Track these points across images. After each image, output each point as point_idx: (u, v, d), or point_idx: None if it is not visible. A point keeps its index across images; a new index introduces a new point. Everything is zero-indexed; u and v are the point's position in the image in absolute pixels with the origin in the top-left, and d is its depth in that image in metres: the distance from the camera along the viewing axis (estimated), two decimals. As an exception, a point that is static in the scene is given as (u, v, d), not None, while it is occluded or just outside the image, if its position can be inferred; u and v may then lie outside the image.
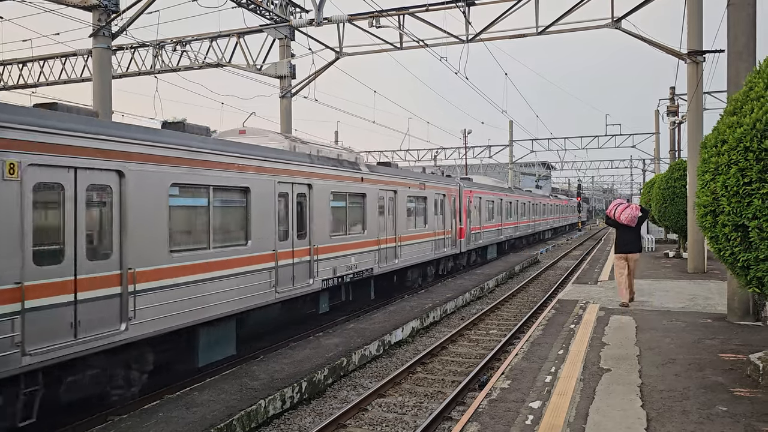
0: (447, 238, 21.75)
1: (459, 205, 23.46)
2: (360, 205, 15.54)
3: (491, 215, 29.31)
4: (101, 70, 16.71)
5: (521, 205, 37.65)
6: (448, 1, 18.80)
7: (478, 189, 26.87)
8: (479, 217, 26.55)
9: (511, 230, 34.10)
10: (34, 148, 6.95)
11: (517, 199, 36.26)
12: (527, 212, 40.03)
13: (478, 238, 26.29)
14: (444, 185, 21.95)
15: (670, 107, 29.76)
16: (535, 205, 43.84)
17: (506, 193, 33.23)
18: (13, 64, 24.65)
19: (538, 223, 45.36)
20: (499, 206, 30.82)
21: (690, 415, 6.05)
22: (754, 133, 6.25)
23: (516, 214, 35.69)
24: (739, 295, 10.48)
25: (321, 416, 8.77)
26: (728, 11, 10.34)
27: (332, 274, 13.74)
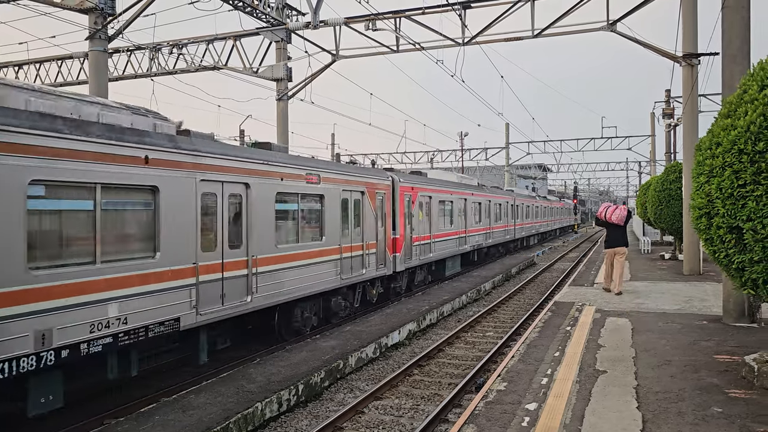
0: (369, 254, 15.50)
1: (394, 208, 17.55)
2: (142, 208, 8.73)
3: (450, 220, 23.19)
4: (97, 73, 16.71)
5: (496, 207, 31.34)
6: (444, 4, 18.85)
7: (427, 186, 20.62)
8: (429, 222, 20.52)
9: (480, 237, 27.62)
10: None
11: (490, 199, 29.96)
12: (505, 215, 33.56)
13: (426, 250, 20.15)
14: (362, 179, 15.41)
15: (666, 110, 29.87)
16: (517, 206, 37.38)
17: (473, 191, 26.92)
18: (9, 67, 24.63)
19: (522, 228, 38.93)
20: (461, 208, 24.71)
21: (685, 416, 6.08)
22: (748, 135, 6.29)
23: (488, 217, 29.46)
24: (735, 297, 10.52)
25: (318, 419, 8.77)
26: (723, 14, 10.40)
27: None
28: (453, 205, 23.58)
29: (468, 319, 16.01)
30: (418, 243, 19.40)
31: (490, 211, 29.90)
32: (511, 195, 36.34)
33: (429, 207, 20.66)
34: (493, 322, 15.98)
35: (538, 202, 46.73)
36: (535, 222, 44.58)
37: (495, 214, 30.99)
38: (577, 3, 18.12)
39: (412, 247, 18.72)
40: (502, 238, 32.72)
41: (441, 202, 22.03)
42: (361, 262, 15.10)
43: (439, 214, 21.68)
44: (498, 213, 31.82)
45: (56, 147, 7.25)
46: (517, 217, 37.41)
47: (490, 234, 29.88)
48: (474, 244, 26.50)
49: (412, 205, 18.95)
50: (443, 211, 22.42)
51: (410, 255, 18.60)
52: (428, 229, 20.43)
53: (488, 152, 54.44)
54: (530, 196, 44.90)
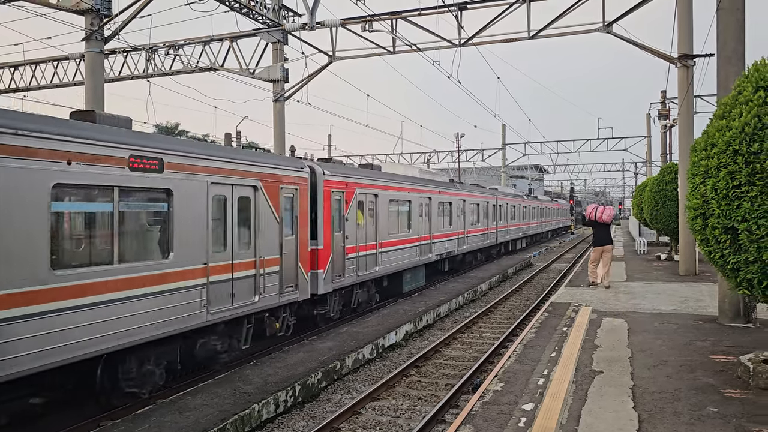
0: (267, 274, 11.19)
1: (315, 209, 13.35)
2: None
3: (408, 224, 18.98)
4: (94, 74, 16.69)
5: (473, 207, 26.97)
6: (441, 5, 18.89)
7: (370, 181, 16.18)
8: (376, 227, 16.32)
9: (451, 244, 23.31)
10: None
11: (464, 198, 25.48)
12: (485, 217, 29.22)
13: (370, 263, 15.95)
14: (254, 168, 11.03)
15: (662, 111, 29.97)
16: (500, 206, 32.83)
17: (440, 189, 22.45)
18: (5, 68, 24.57)
19: (506, 231, 34.57)
20: (424, 209, 20.33)
21: (681, 416, 6.10)
22: (743, 136, 6.32)
23: (462, 219, 25.07)
24: (730, 297, 10.56)
25: (315, 420, 8.77)
26: (718, 16, 10.44)
27: None
28: (411, 206, 19.09)
29: (465, 319, 16.02)
30: (357, 255, 15.05)
31: (465, 212, 25.45)
32: (493, 194, 31.98)
33: (375, 208, 16.28)
34: (490, 323, 16.00)
35: (526, 202, 42.25)
36: (522, 224, 40.07)
37: (472, 216, 26.61)
38: (573, 4, 18.17)
39: (345, 261, 14.38)
40: (480, 243, 28.17)
41: (393, 202, 17.74)
42: (251, 286, 10.67)
43: (390, 217, 17.40)
44: (476, 214, 27.53)
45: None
46: (500, 219, 32.80)
47: (465, 239, 25.35)
48: (442, 251, 22.03)
49: (346, 205, 14.48)
50: (397, 213, 18.13)
51: (342, 271, 14.22)
52: (373, 235, 16.11)
53: (485, 153, 54.53)
54: (516, 195, 40.44)
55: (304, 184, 12.77)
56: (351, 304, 15.36)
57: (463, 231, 25.11)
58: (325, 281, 13.39)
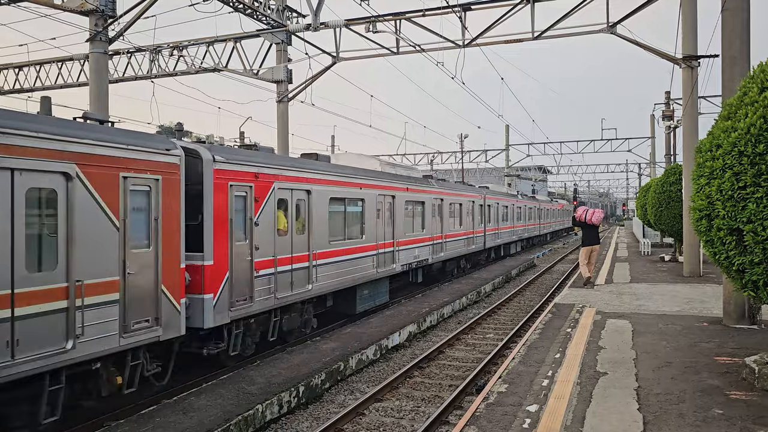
0: (94, 306, 7.62)
1: (201, 209, 9.94)
2: None
3: (360, 228, 15.38)
4: (98, 75, 16.72)
5: (454, 208, 23.37)
6: (445, 6, 18.88)
7: (299, 173, 12.66)
8: (309, 233, 12.87)
9: (424, 251, 19.67)
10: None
11: (442, 197, 21.72)
12: (470, 218, 25.58)
13: (301, 281, 12.46)
14: (74, 146, 7.51)
15: (666, 112, 29.91)
16: (489, 207, 29.16)
17: (407, 185, 18.48)
18: (9, 69, 24.64)
19: (495, 234, 30.46)
20: (383, 209, 16.67)
21: (686, 418, 6.08)
22: (749, 137, 6.30)
23: (440, 222, 21.42)
24: (735, 299, 10.52)
25: (318, 421, 8.77)
26: (723, 16, 10.42)
27: None
28: (365, 205, 15.48)
29: (468, 321, 16.01)
30: (275, 271, 11.41)
31: (443, 213, 21.83)
32: (480, 192, 28.08)
33: (307, 208, 12.82)
34: (494, 324, 15.98)
35: (521, 202, 38.43)
36: (516, 226, 36.48)
37: (452, 218, 23.09)
38: (577, 5, 18.14)
39: (254, 280, 10.77)
40: (463, 249, 24.55)
41: (337, 201, 14.13)
42: (56, 327, 7.10)
43: (333, 220, 13.90)
44: (457, 216, 23.92)
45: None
46: (489, 221, 29.16)
47: (443, 245, 21.63)
48: (410, 261, 18.42)
49: (257, 204, 10.97)
50: (344, 214, 14.57)
51: (249, 293, 10.66)
52: (305, 244, 12.65)
53: (488, 154, 54.49)
54: (510, 195, 36.55)
55: (173, 174, 9.02)
56: (270, 336, 11.60)
57: (440, 235, 21.42)
58: (216, 309, 9.77)
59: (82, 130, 7.73)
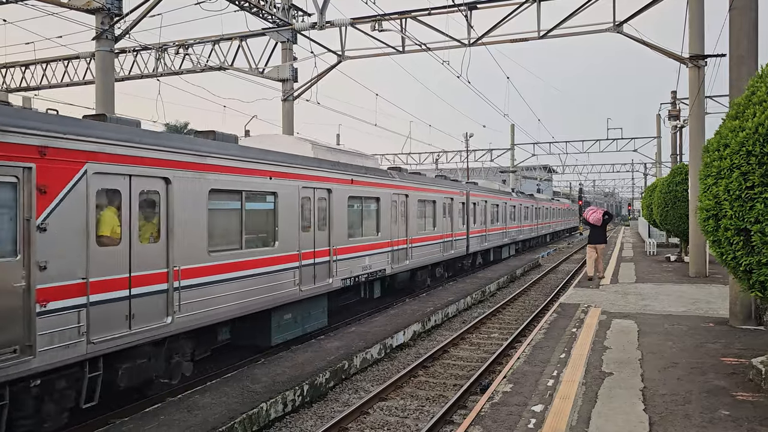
0: None
1: None
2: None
3: (271, 232, 11.52)
4: (104, 73, 16.77)
5: (422, 207, 19.28)
6: (450, 5, 18.84)
7: (133, 151, 8.26)
8: (167, 242, 8.84)
9: (378, 259, 15.75)
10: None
11: (407, 193, 17.77)
12: (446, 219, 21.46)
13: (149, 310, 8.38)
14: None
15: (672, 111, 29.78)
16: (473, 205, 25.09)
17: (352, 176, 14.59)
18: (16, 67, 24.74)
19: (481, 237, 26.39)
20: (310, 208, 12.74)
21: (692, 419, 6.05)
22: (757, 137, 6.26)
23: (402, 223, 17.48)
24: (741, 299, 10.48)
25: (323, 419, 8.76)
26: (730, 15, 10.36)
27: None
28: (279, 201, 11.48)
29: (473, 320, 15.98)
30: (85, 301, 7.40)
31: (408, 212, 17.91)
32: (463, 189, 23.98)
33: (168, 207, 8.83)
34: (498, 324, 15.95)
35: (515, 201, 34.21)
36: (509, 227, 32.11)
37: (421, 219, 19.21)
38: (583, 4, 18.08)
39: (35, 320, 6.75)
40: (438, 256, 20.54)
41: (228, 196, 10.22)
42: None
43: (220, 221, 10.03)
44: (431, 216, 20.10)
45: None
46: (475, 222, 25.26)
47: (407, 251, 17.68)
48: (357, 272, 14.58)
49: (44, 198, 6.95)
50: (241, 213, 10.51)
51: (24, 341, 6.67)
52: (160, 258, 8.71)
53: (493, 153, 54.40)
54: (503, 192, 32.13)
55: None
56: (84, 402, 7.62)
57: (403, 239, 17.56)
58: None
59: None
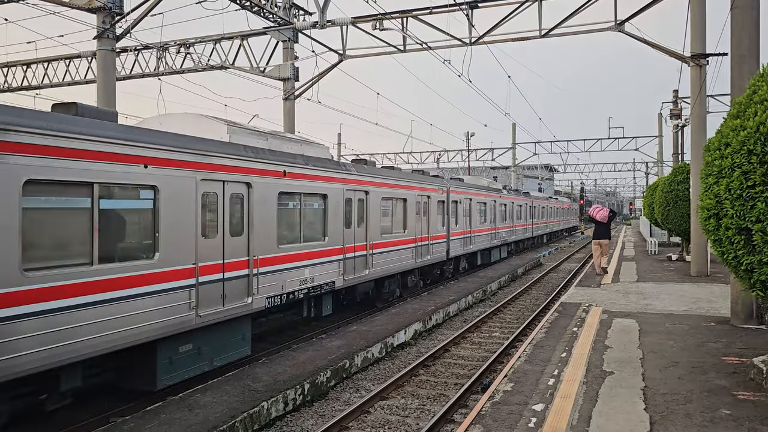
0: None
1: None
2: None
3: (150, 240, 8.56)
4: (105, 72, 16.77)
5: (383, 206, 16.09)
6: (451, 4, 18.83)
7: None
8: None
9: (315, 272, 12.65)
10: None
11: (353, 188, 14.41)
12: (417, 219, 18.48)
13: None
14: None
15: (674, 110, 29.76)
16: (453, 204, 22.03)
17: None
18: (18, 66, 24.75)
19: (465, 239, 23.50)
20: (204, 206, 9.52)
21: (693, 418, 6.04)
22: (758, 136, 6.25)
23: (351, 226, 14.31)
24: (743, 299, 10.47)
25: (323, 418, 8.77)
26: (732, 14, 10.35)
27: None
28: (162, 198, 8.74)
29: (474, 319, 15.98)
30: None
31: (368, 212, 15.13)
32: (441, 185, 20.94)
33: None
34: (500, 323, 15.95)
35: (506, 198, 31.28)
36: (499, 228, 29.28)
37: (388, 218, 16.53)
38: (585, 3, 18.06)
39: None
40: (410, 262, 17.84)
41: (55, 188, 7.18)
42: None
43: (59, 224, 7.30)
44: (400, 215, 17.41)
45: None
46: (456, 222, 22.23)
47: (367, 259, 14.99)
48: (295, 288, 11.87)
49: None
50: (95, 216, 7.64)
51: None
52: None
53: (495, 152, 54.36)
54: (493, 189, 29.00)
55: None
56: None
57: (362, 245, 14.82)
58: None
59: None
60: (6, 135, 6.51)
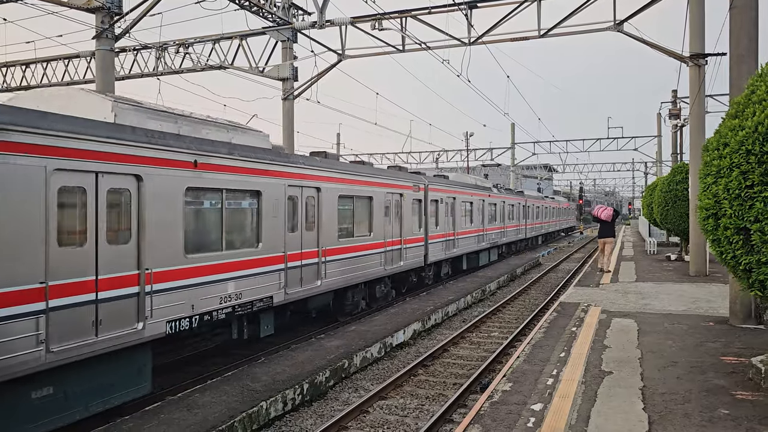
0: None
1: None
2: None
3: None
4: (104, 72, 16.77)
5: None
6: (451, 3, 18.83)
7: None
8: None
9: (199, 296, 9.20)
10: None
11: (299, 185, 12.07)
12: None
13: None
14: None
15: (672, 110, 29.79)
16: (432, 203, 20.00)
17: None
18: (16, 66, 24.74)
19: (447, 242, 21.52)
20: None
21: (692, 418, 6.05)
22: (756, 136, 6.26)
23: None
24: (741, 298, 10.48)
25: (322, 418, 8.77)
26: (731, 14, 10.35)
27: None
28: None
29: (473, 319, 15.99)
30: None
31: (321, 213, 12.84)
32: (418, 181, 18.79)
33: None
34: (498, 323, 15.95)
35: (495, 197, 29.25)
36: (487, 229, 27.12)
37: (343, 221, 14.10)
38: (584, 3, 18.06)
39: None
40: (377, 270, 15.69)
41: None
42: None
43: None
44: (359, 218, 15.02)
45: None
46: (437, 224, 20.24)
47: (319, 269, 12.70)
48: (209, 309, 9.47)
49: None
50: None
51: None
52: None
53: (494, 152, 54.38)
54: (480, 188, 26.99)
55: None
56: None
57: (314, 251, 12.58)
58: None
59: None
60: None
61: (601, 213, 20.08)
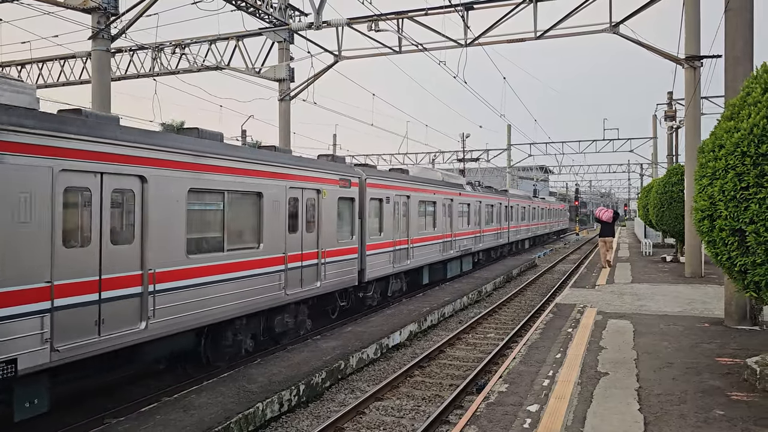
0: None
1: None
2: None
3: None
4: (100, 73, 16.75)
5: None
6: (447, 5, 18.85)
7: None
8: None
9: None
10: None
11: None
12: (303, 223, 12.49)
13: None
14: None
15: (668, 112, 29.86)
16: (407, 200, 18.22)
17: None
18: (12, 66, 24.63)
19: (439, 247, 20.93)
20: None
21: (687, 419, 6.07)
22: (751, 138, 6.29)
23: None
24: (737, 300, 10.51)
25: (319, 419, 8.76)
26: (726, 17, 10.39)
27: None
28: None
29: (469, 320, 16.00)
30: None
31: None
32: (351, 174, 15.02)
33: None
34: (495, 324, 15.97)
35: (471, 197, 25.81)
36: (456, 234, 23.12)
37: (211, 229, 9.97)
38: (580, 5, 18.10)
39: None
40: (265, 297, 11.09)
41: None
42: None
43: None
44: (246, 224, 10.79)
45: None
46: (381, 230, 16.40)
47: (140, 304, 8.25)
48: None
49: None
50: None
51: None
52: None
53: (490, 154, 54.44)
54: (448, 185, 23.09)
55: None
56: None
57: (135, 275, 8.23)
58: None
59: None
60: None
61: (603, 215, 21.92)
